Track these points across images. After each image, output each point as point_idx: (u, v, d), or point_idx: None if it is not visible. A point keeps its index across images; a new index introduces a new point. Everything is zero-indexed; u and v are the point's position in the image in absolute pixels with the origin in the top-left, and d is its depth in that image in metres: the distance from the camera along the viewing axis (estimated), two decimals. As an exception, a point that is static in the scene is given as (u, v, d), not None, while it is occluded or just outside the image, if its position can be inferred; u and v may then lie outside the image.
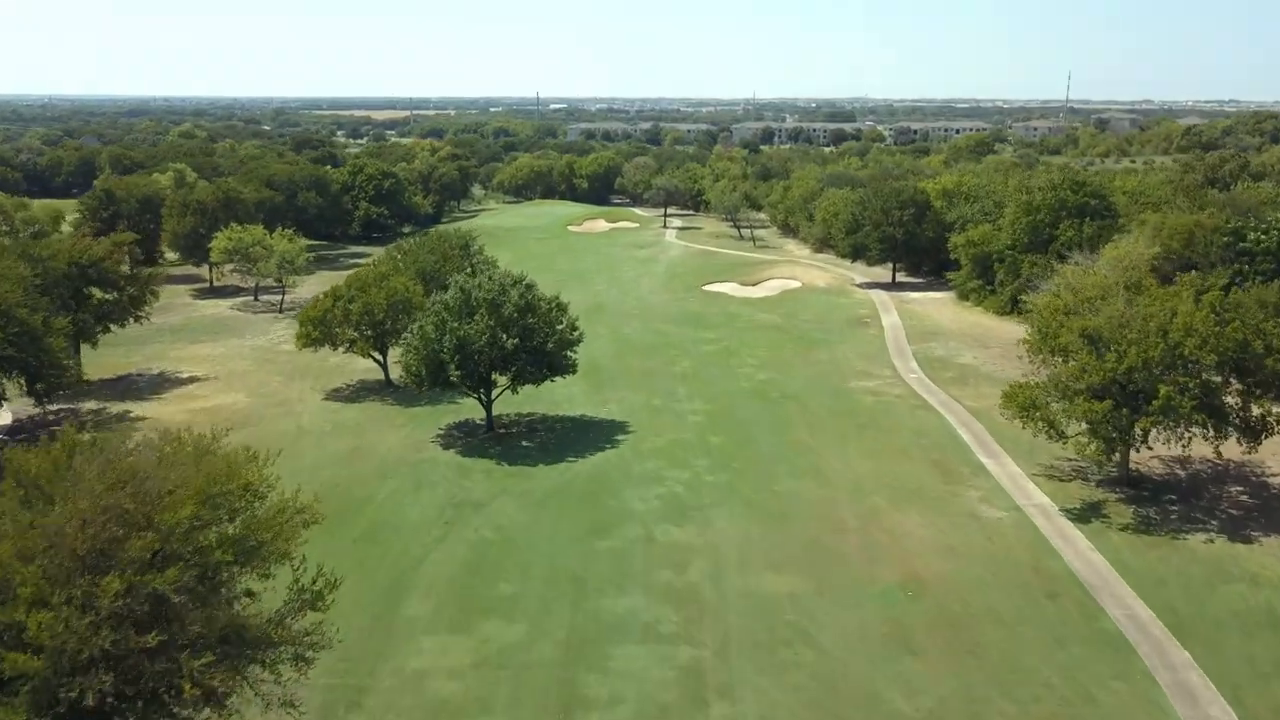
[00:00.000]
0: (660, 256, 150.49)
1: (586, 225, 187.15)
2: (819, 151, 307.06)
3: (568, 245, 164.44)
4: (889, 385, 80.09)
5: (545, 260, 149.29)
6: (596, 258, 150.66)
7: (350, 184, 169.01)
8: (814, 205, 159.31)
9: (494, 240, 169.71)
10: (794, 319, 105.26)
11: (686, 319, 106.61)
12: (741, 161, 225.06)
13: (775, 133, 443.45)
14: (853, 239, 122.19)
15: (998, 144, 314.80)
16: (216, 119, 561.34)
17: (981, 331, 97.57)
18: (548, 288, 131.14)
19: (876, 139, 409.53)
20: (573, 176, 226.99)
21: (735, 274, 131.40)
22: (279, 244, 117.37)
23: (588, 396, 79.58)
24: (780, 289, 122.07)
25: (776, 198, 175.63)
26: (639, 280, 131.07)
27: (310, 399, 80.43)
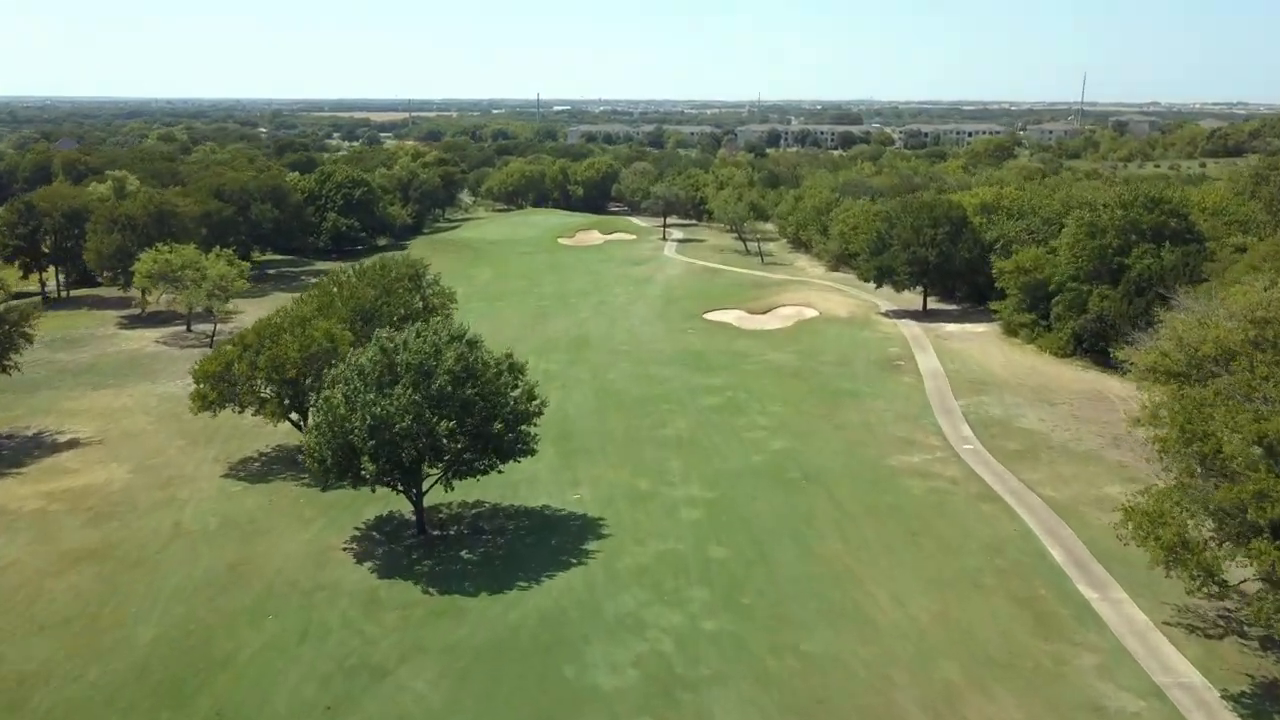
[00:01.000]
0: (657, 275, 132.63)
1: (579, 237, 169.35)
2: (828, 155, 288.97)
3: (556, 261, 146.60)
4: (940, 462, 62.09)
5: (529, 280, 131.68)
6: (586, 277, 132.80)
7: (317, 193, 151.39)
8: (829, 218, 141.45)
9: (475, 255, 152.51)
10: (813, 359, 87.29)
11: (685, 359, 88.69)
12: (747, 167, 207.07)
13: (781, 135, 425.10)
14: (878, 261, 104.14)
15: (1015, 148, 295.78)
16: (213, 121, 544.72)
17: (1041, 380, 79.53)
18: (526, 316, 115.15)
19: (886, 142, 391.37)
20: (567, 183, 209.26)
21: (742, 299, 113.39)
22: (213, 266, 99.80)
23: (555, 474, 61.72)
24: (795, 319, 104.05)
25: (786, 208, 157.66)
26: (632, 306, 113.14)
27: (207, 475, 62.72)
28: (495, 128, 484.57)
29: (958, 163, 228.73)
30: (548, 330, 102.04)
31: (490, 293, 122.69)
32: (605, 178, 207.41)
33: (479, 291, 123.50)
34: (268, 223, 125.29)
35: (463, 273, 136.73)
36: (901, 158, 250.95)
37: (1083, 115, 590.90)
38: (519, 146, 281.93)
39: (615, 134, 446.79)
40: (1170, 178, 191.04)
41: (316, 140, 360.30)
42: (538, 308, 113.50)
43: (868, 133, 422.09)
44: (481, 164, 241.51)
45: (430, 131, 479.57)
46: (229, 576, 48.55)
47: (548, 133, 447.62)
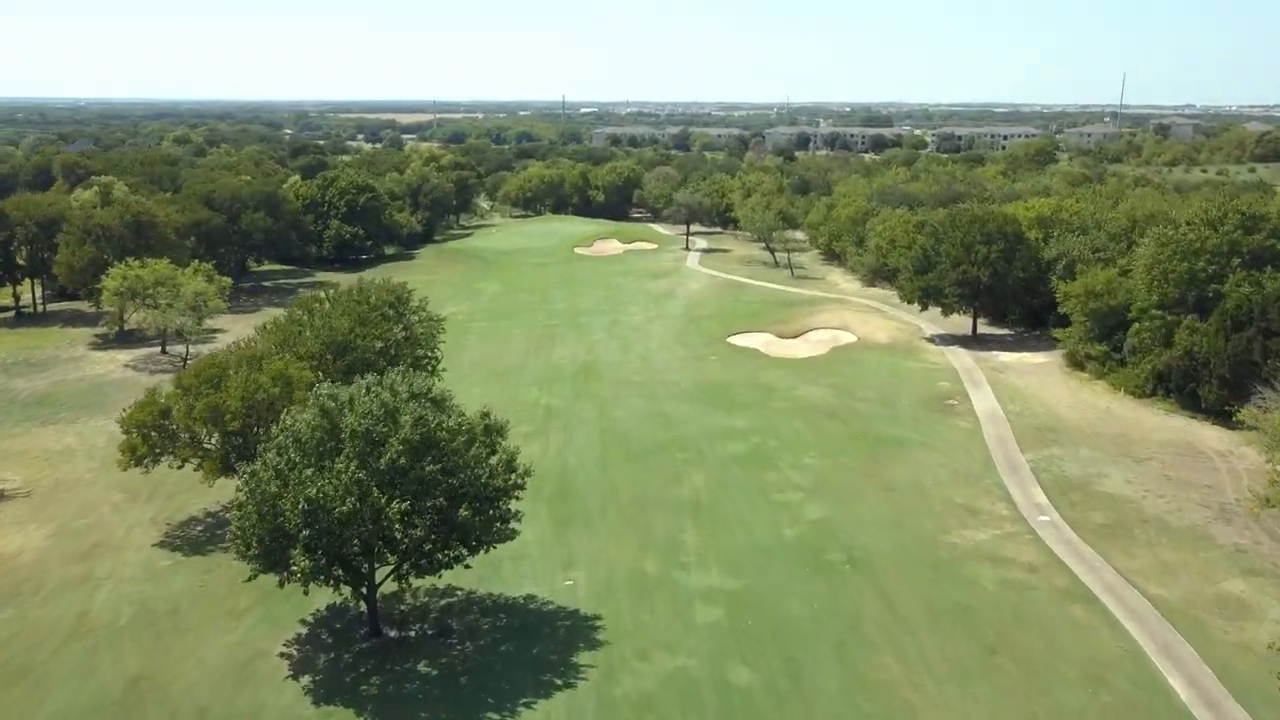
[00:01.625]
0: (678, 290, 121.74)
1: (597, 246, 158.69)
2: (859, 159, 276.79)
3: (571, 273, 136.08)
4: (1012, 540, 50.86)
5: (539, 295, 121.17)
6: (602, 292, 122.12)
7: (319, 200, 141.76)
8: (865, 229, 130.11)
9: (485, 266, 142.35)
10: (852, 396, 76.09)
11: (705, 393, 77.76)
12: (776, 172, 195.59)
13: (811, 138, 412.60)
14: (923, 281, 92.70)
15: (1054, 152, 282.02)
16: (239, 122, 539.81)
17: (1119, 427, 67.93)
18: (532, 338, 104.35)
19: (919, 145, 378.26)
20: (587, 188, 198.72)
21: (770, 320, 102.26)
22: (189, 282, 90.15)
23: (546, 548, 51.08)
24: (829, 344, 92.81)
25: (818, 218, 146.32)
26: (649, 326, 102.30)
27: (137, 544, 52.64)
28: (519, 129, 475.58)
29: (996, 168, 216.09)
30: (554, 355, 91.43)
31: (496, 309, 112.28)
32: (627, 183, 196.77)
33: (484, 308, 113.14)
34: (259, 233, 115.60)
35: (469, 286, 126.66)
36: (937, 162, 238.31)
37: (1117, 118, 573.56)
38: (540, 150, 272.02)
39: (641, 136, 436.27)
40: (1222, 184, 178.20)
41: (338, 142, 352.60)
42: (546, 328, 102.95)
43: (899, 136, 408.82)
44: (500, 168, 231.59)
45: (454, 133, 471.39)
46: (123, 700, 38.25)
47: (572, 135, 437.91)
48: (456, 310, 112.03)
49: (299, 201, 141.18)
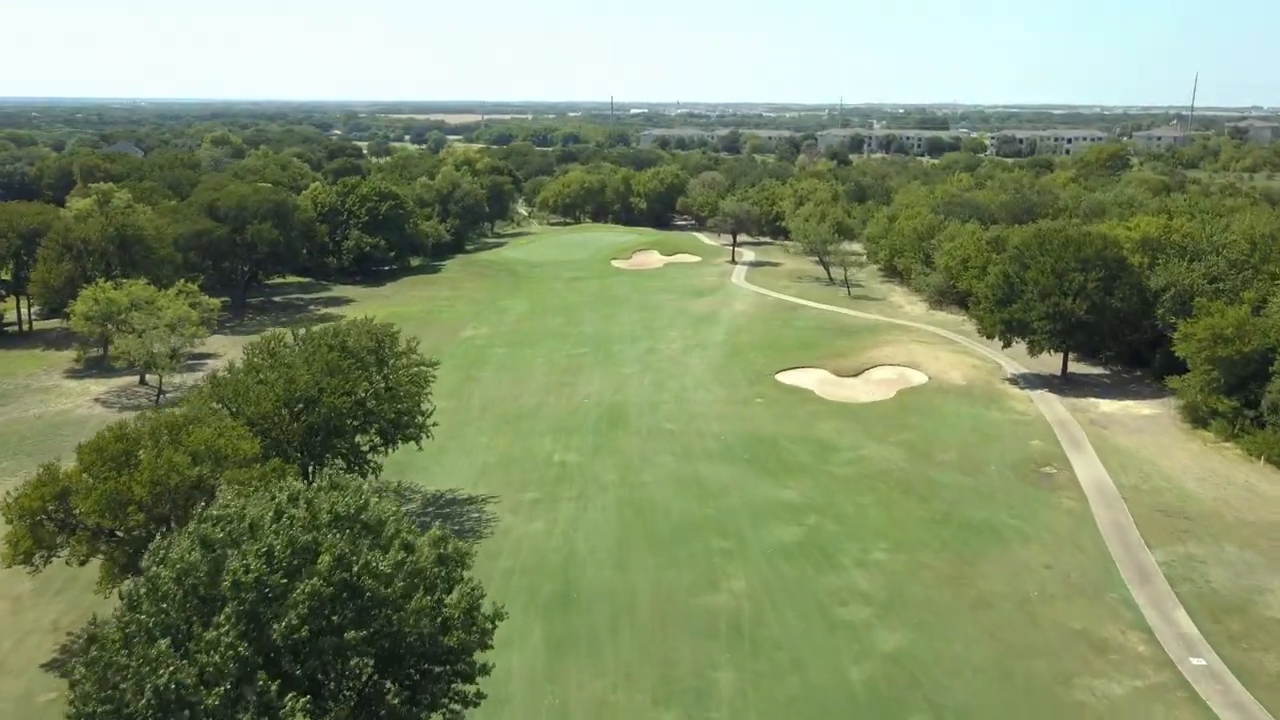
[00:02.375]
0: (722, 311, 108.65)
1: (636, 259, 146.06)
2: (917, 164, 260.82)
3: (606, 290, 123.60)
4: (1162, 702, 37.16)
5: (569, 316, 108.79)
6: (638, 313, 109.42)
7: (338, 208, 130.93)
8: (931, 244, 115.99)
9: (514, 281, 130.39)
10: (928, 459, 62.56)
11: (750, 449, 64.72)
12: (830, 178, 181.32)
13: (865, 140, 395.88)
14: (1006, 314, 78.66)
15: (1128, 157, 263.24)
16: (290, 122, 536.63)
17: (1271, 512, 53.64)
18: (555, 371, 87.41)
19: (977, 148, 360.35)
20: (629, 194, 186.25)
21: (826, 351, 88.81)
22: (171, 306, 79.28)
23: (532, 689, 38.53)
24: (896, 385, 79.15)
25: (877, 230, 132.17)
26: (687, 358, 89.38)
27: (21, 665, 41.18)
28: (567, 131, 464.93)
29: (1066, 174, 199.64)
30: (578, 393, 78.97)
31: (520, 334, 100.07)
32: (670, 189, 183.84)
33: (507, 332, 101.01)
34: (264, 245, 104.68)
35: (494, 305, 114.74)
36: (1002, 168, 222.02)
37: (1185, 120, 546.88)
38: (584, 153, 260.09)
39: (689, 138, 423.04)
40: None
41: (381, 143, 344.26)
42: (572, 358, 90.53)
43: (957, 139, 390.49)
44: (540, 172, 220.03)
45: (501, 135, 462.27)
46: None
47: (620, 136, 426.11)
48: (476, 334, 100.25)
49: (318, 209, 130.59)
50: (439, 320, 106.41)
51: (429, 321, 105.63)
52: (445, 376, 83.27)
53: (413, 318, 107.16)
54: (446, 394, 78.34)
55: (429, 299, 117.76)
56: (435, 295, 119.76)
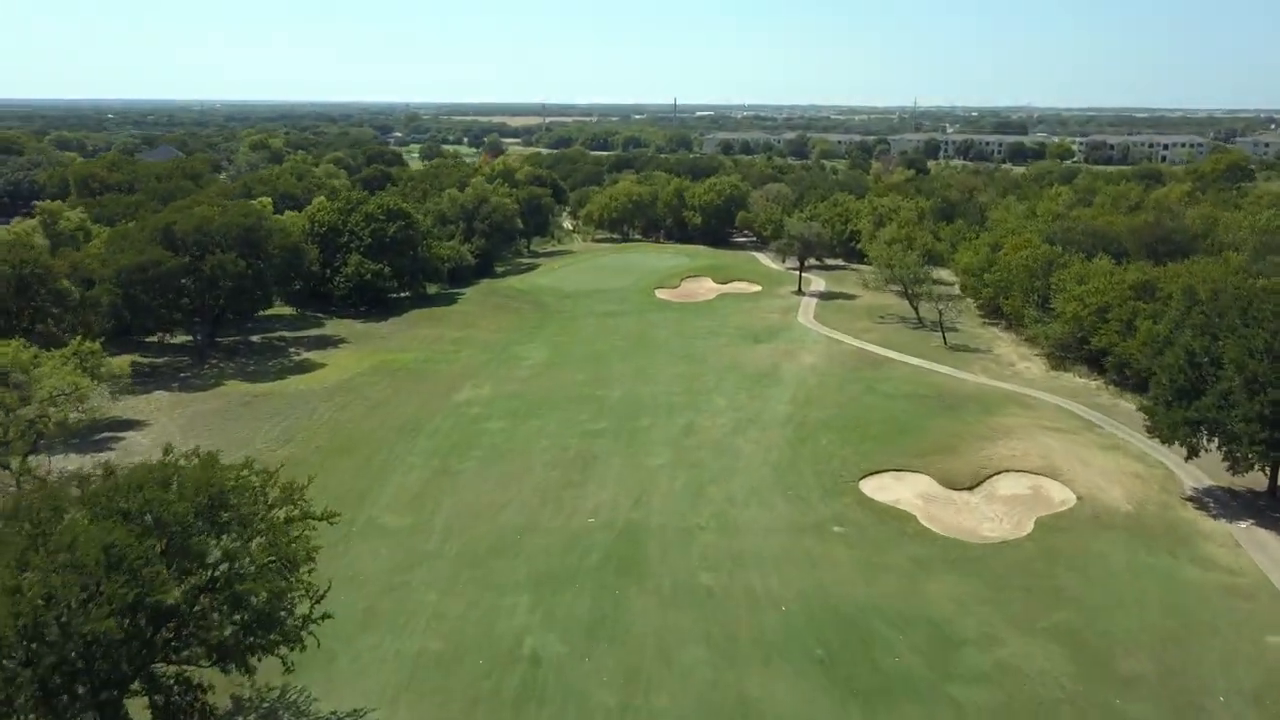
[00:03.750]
0: (786, 366, 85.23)
1: (684, 288, 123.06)
2: (1004, 173, 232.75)
3: (644, 331, 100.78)
4: None
5: (594, 367, 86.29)
6: (679, 365, 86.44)
7: (339, 227, 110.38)
8: (1048, 282, 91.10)
9: (540, 317, 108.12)
10: (1105, 674, 38.69)
11: (826, 643, 41.42)
12: (912, 192, 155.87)
13: (941, 146, 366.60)
14: (1192, 412, 53.91)
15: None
16: (353, 124, 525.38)
17: None
18: (560, 461, 61.13)
19: (1064, 154, 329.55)
20: (683, 207, 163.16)
21: (927, 442, 64.74)
22: (54, 372, 58.79)
23: None
24: (1030, 507, 54.93)
25: (976, 260, 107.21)
26: (737, 442, 66.13)
27: None
28: (628, 134, 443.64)
29: (1181, 187, 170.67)
30: (582, 506, 56.37)
31: (527, 399, 77.72)
32: (729, 202, 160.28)
33: (511, 395, 78.70)
34: (226, 280, 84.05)
35: (507, 352, 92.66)
36: (1104, 179, 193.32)
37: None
38: (639, 159, 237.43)
39: (754, 142, 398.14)
40: None
41: (433, 148, 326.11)
42: (585, 438, 67.95)
43: (1041, 144, 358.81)
44: (589, 181, 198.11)
45: (560, 138, 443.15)
46: None
47: (681, 140, 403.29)
48: (475, 396, 78.36)
49: (316, 229, 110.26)
50: (435, 373, 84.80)
51: (422, 374, 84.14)
52: (412, 471, 61.66)
53: (403, 369, 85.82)
54: (405, 503, 56.54)
55: (432, 341, 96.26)
56: (441, 336, 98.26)
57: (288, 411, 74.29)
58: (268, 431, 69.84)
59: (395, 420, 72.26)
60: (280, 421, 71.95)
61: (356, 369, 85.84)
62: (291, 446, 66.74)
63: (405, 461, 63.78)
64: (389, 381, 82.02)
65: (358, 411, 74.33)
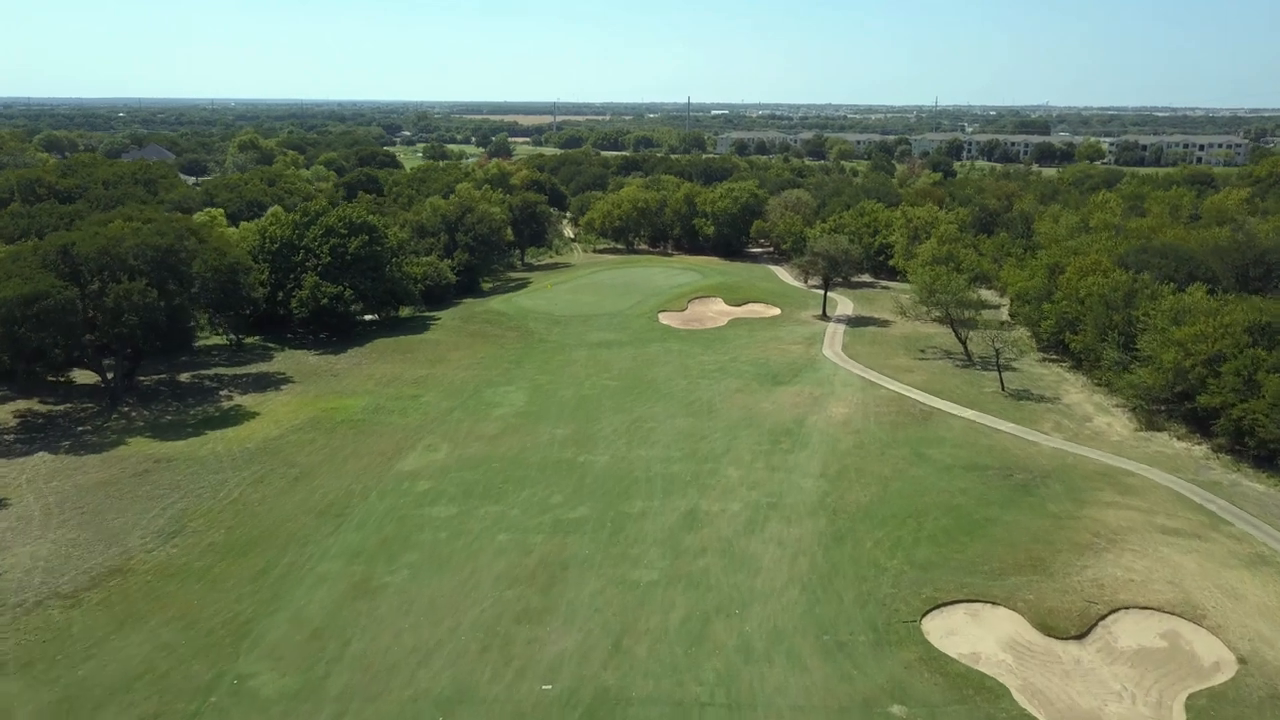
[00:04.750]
0: (812, 422, 68.70)
1: (693, 311, 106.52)
2: (1038, 176, 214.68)
3: (642, 368, 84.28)
4: None
5: (578, 419, 69.84)
6: (683, 418, 69.88)
7: (294, 243, 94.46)
8: (1128, 315, 74.21)
9: (522, 348, 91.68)
10: None
11: None
12: (950, 204, 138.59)
13: (965, 146, 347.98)
14: None
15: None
16: (362, 123, 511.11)
17: None
18: (515, 566, 44.80)
19: (1094, 155, 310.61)
20: (693, 215, 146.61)
21: (1008, 554, 48.07)
22: None
23: None
24: (1172, 676, 38.16)
25: (1032, 284, 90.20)
26: (753, 544, 49.70)
27: None
28: (640, 134, 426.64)
29: (1239, 192, 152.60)
30: (539, 653, 40.02)
31: (492, 468, 61.38)
32: (744, 210, 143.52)
33: (470, 463, 62.37)
34: (132, 314, 68.08)
35: (478, 397, 76.34)
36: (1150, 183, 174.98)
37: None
38: (648, 161, 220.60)
39: (770, 141, 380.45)
40: None
41: (436, 148, 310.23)
42: (556, 532, 51.63)
43: (1070, 144, 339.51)
44: (592, 185, 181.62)
45: (571, 137, 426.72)
46: None
47: (695, 140, 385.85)
48: (426, 463, 62.17)
49: (267, 246, 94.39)
50: (384, 428, 68.68)
51: (368, 430, 68.03)
52: (321, 586, 45.72)
53: (347, 422, 69.71)
54: (297, 648, 40.66)
55: (390, 381, 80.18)
56: (402, 374, 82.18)
57: (190, 485, 58.42)
58: (155, 518, 53.94)
59: (319, 500, 56.27)
60: (176, 501, 56.08)
61: (291, 421, 69.88)
62: (177, 543, 50.85)
63: (316, 570, 47.79)
64: (325, 441, 65.98)
65: (276, 486, 58.36)
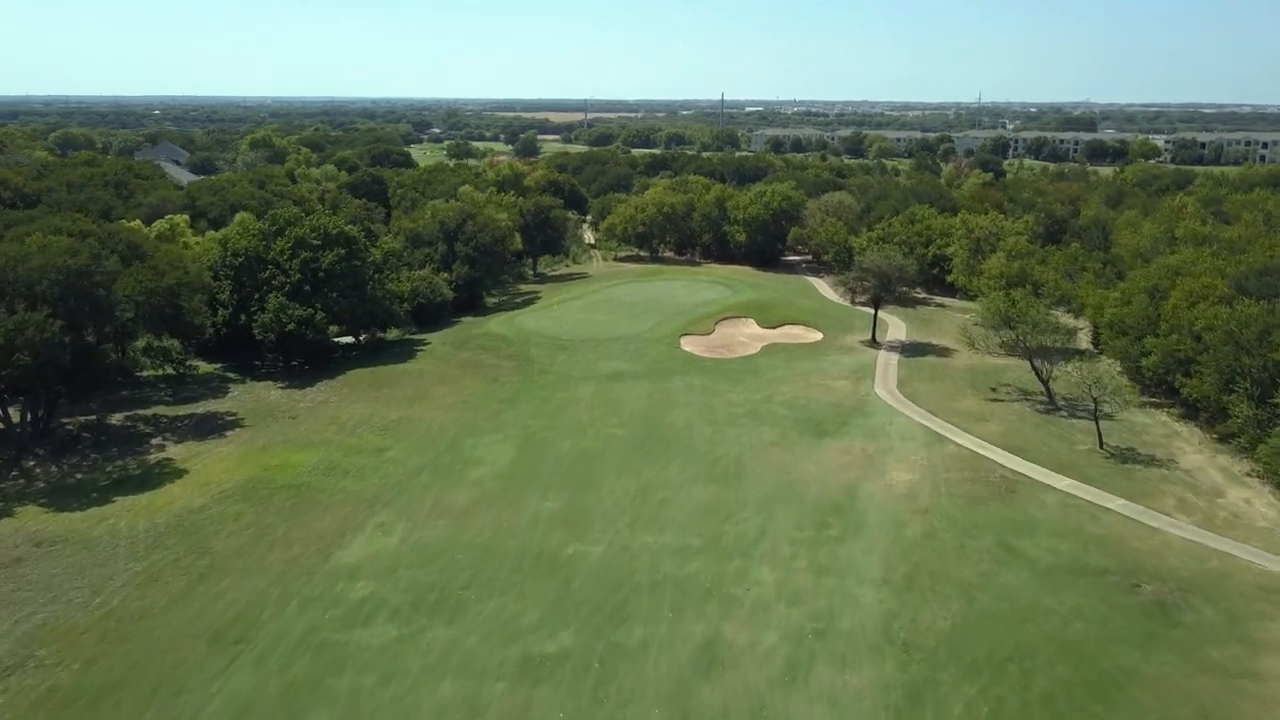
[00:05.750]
0: (869, 492, 53.62)
1: (720, 334, 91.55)
2: (1094, 174, 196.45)
3: (658, 410, 69.29)
4: None
5: (577, 482, 55.03)
6: (705, 485, 55.00)
7: (260, 255, 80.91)
8: (1262, 360, 58.14)
9: (520, 380, 76.77)
10: None
11: None
12: (1014, 211, 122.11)
13: (1011, 143, 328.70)
14: None
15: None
16: (388, 120, 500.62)
17: None
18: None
19: (1149, 153, 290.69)
20: (724, 220, 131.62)
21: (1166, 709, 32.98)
22: None
23: None
24: None
25: (1125, 310, 74.16)
26: (795, 699, 34.97)
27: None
28: (671, 131, 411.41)
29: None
30: None
31: (453, 564, 47.00)
32: (779, 215, 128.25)
33: (428, 556, 47.92)
34: (24, 352, 54.56)
35: (456, 451, 61.92)
36: (1228, 186, 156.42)
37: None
38: (678, 160, 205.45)
39: (806, 139, 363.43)
40: None
41: (462, 145, 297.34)
42: (519, 678, 37.12)
43: (1123, 142, 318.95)
44: (616, 186, 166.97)
45: (601, 135, 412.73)
46: None
47: (728, 137, 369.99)
48: (371, 554, 47.87)
49: (229, 259, 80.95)
50: (332, 495, 54.59)
51: (310, 498, 53.99)
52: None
53: (288, 486, 55.69)
54: None
55: (355, 426, 66.13)
56: (371, 417, 68.12)
57: (64, 585, 44.70)
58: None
59: (219, 614, 42.23)
60: (36, 611, 42.36)
61: (222, 484, 56.05)
62: (8, 685, 37.02)
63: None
64: (254, 517, 52.02)
65: (171, 589, 44.44)
